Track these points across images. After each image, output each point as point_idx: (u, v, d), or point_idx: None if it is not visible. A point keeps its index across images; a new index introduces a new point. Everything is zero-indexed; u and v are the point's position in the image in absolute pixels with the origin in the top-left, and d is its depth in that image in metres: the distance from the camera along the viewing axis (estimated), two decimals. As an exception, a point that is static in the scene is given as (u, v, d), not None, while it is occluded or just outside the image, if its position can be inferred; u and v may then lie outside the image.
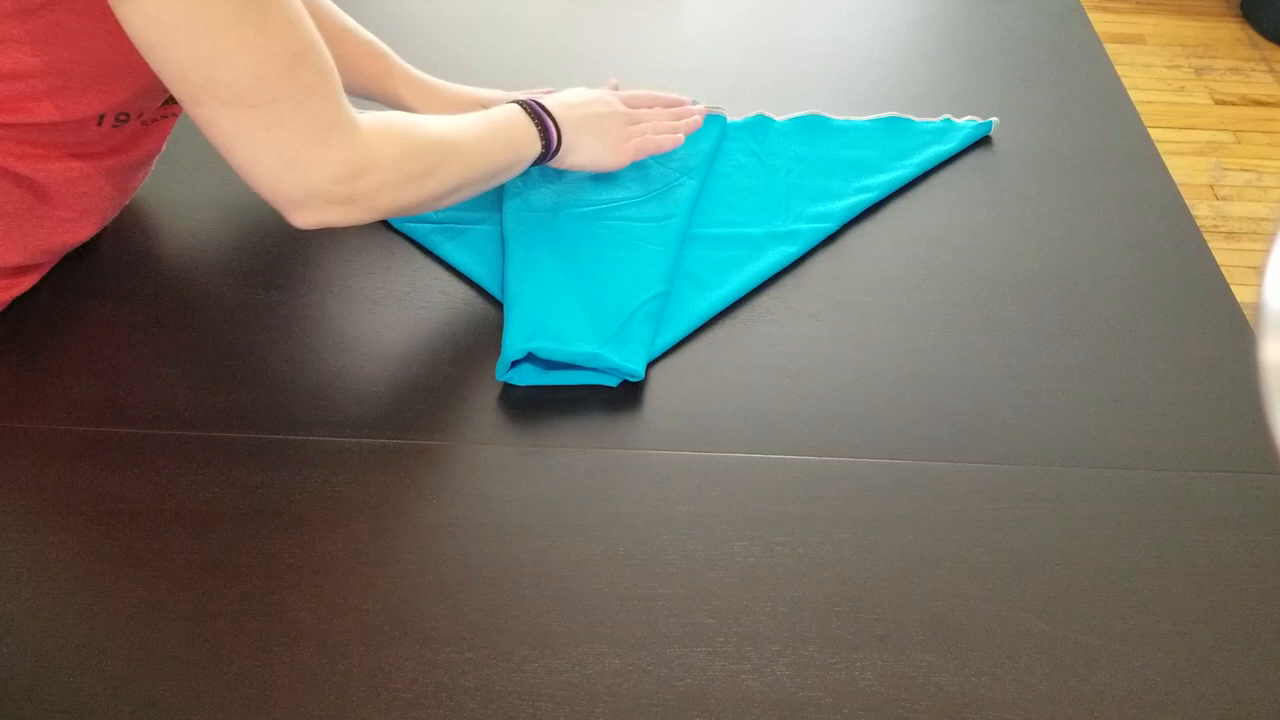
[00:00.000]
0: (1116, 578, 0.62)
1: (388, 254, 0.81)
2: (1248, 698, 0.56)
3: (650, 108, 0.87)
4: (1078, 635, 0.59)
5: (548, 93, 0.83)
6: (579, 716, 0.54)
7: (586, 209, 0.82)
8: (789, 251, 0.80)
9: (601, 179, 0.85)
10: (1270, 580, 0.62)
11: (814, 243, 0.82)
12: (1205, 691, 0.56)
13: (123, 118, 0.70)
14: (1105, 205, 0.87)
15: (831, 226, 0.83)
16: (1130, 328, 0.77)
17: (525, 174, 0.85)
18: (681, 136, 0.86)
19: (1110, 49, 1.06)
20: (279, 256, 0.80)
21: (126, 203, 0.80)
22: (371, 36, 0.84)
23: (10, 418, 0.68)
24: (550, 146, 0.77)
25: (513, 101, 0.77)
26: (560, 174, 0.85)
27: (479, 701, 0.55)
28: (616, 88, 0.90)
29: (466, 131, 0.72)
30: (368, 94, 0.86)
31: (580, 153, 0.79)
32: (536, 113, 0.76)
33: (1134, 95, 0.99)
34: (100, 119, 0.68)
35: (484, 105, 0.85)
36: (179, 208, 0.84)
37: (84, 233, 0.74)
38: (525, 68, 1.01)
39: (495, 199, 0.84)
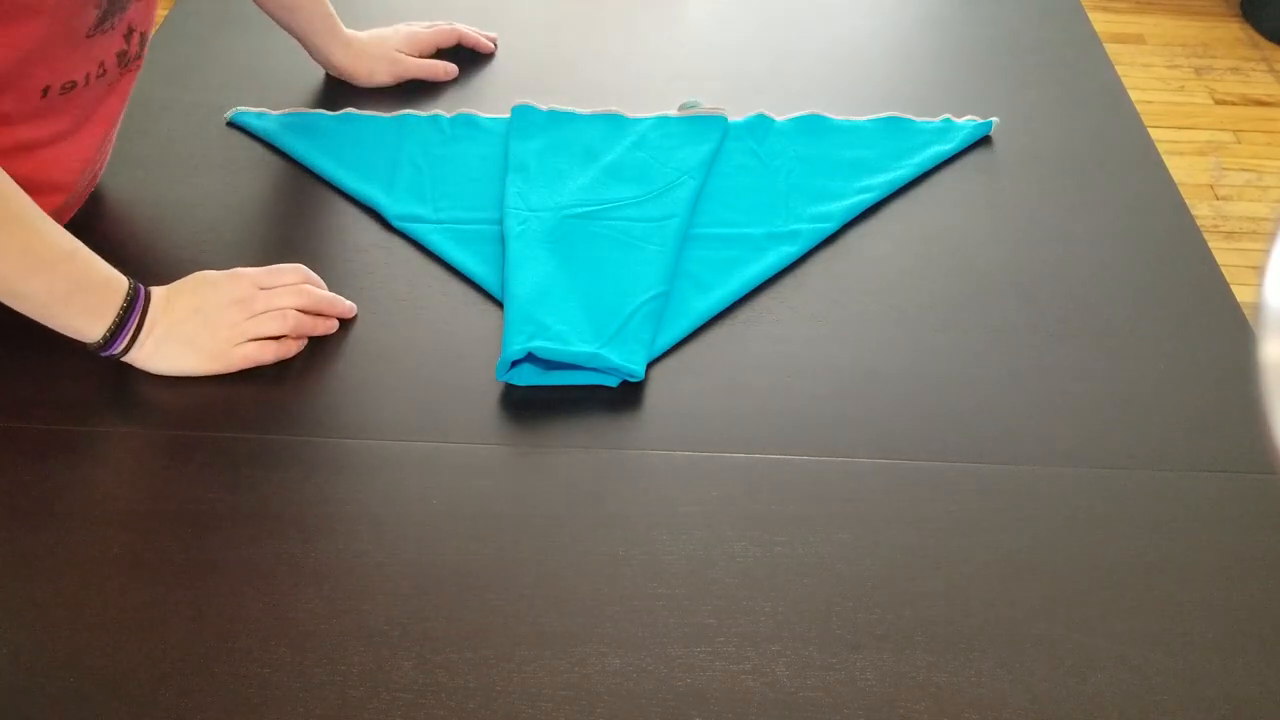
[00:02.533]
0: (1116, 578, 0.62)
1: (388, 254, 0.81)
2: (1248, 698, 0.56)
3: (282, 283, 0.72)
4: (1078, 636, 0.59)
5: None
6: (579, 716, 0.54)
7: (586, 209, 0.82)
8: (789, 251, 0.80)
9: (602, 179, 0.85)
10: (1270, 580, 0.62)
11: (814, 243, 0.82)
12: (1205, 691, 0.56)
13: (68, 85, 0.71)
14: (1105, 205, 0.87)
15: (832, 226, 0.83)
16: (1130, 328, 0.77)
17: (525, 173, 0.85)
18: (333, 323, 0.73)
19: (1110, 49, 1.06)
20: (277, 258, 0.80)
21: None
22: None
23: (11, 418, 0.68)
24: (114, 345, 0.67)
25: (131, 280, 0.68)
26: (560, 174, 0.86)
27: (479, 701, 0.55)
28: None
29: (51, 241, 0.65)
30: (307, 43, 0.95)
31: (161, 363, 0.69)
32: (134, 305, 0.67)
33: (1134, 95, 0.99)
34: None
35: (403, 41, 0.97)
36: (179, 208, 0.84)
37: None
38: (525, 68, 1.01)
39: (495, 198, 0.84)
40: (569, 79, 0.99)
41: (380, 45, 0.97)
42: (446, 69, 0.98)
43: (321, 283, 0.75)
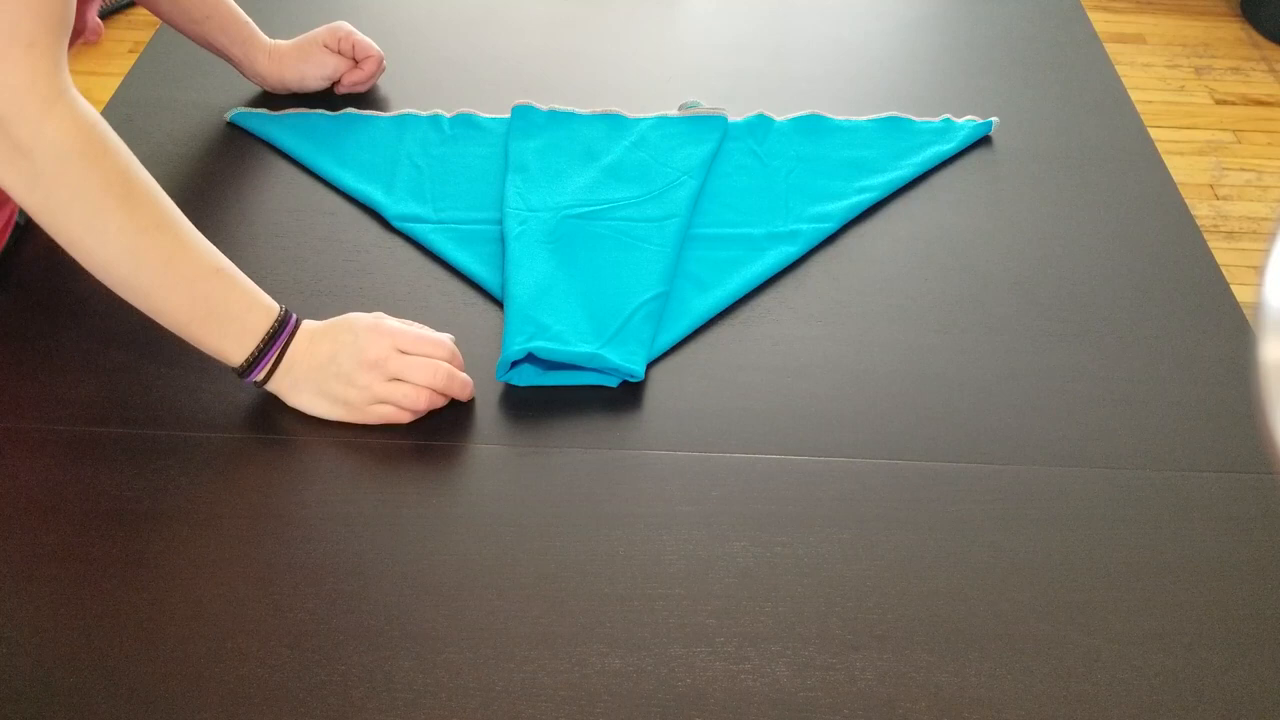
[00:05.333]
0: (1116, 578, 0.62)
1: (387, 254, 0.81)
2: (1248, 698, 0.56)
3: (424, 354, 0.68)
4: (1078, 636, 0.59)
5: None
6: (579, 716, 0.54)
7: (586, 209, 0.82)
8: (789, 251, 0.80)
9: (602, 179, 0.85)
10: (1270, 580, 0.62)
11: (814, 243, 0.82)
12: (1205, 691, 0.56)
13: None
14: (1105, 205, 0.87)
15: (832, 226, 0.83)
16: (1130, 328, 0.77)
17: (525, 173, 0.85)
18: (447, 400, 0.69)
19: (1110, 49, 1.06)
20: (277, 258, 0.80)
21: None
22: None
23: (10, 418, 0.68)
24: (252, 374, 0.66)
25: (282, 309, 0.67)
26: (560, 174, 0.86)
27: (479, 701, 0.55)
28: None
29: (195, 255, 0.65)
30: (228, 55, 0.92)
31: (299, 402, 0.68)
32: (276, 337, 0.66)
33: (1134, 95, 0.99)
34: None
35: (327, 34, 0.92)
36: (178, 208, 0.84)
37: None
38: (525, 68, 1.01)
39: (495, 199, 0.84)
40: (569, 79, 0.99)
41: (304, 44, 0.93)
42: (379, 61, 0.95)
43: (461, 359, 0.70)
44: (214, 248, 0.66)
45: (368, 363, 0.66)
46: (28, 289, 0.76)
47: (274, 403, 0.69)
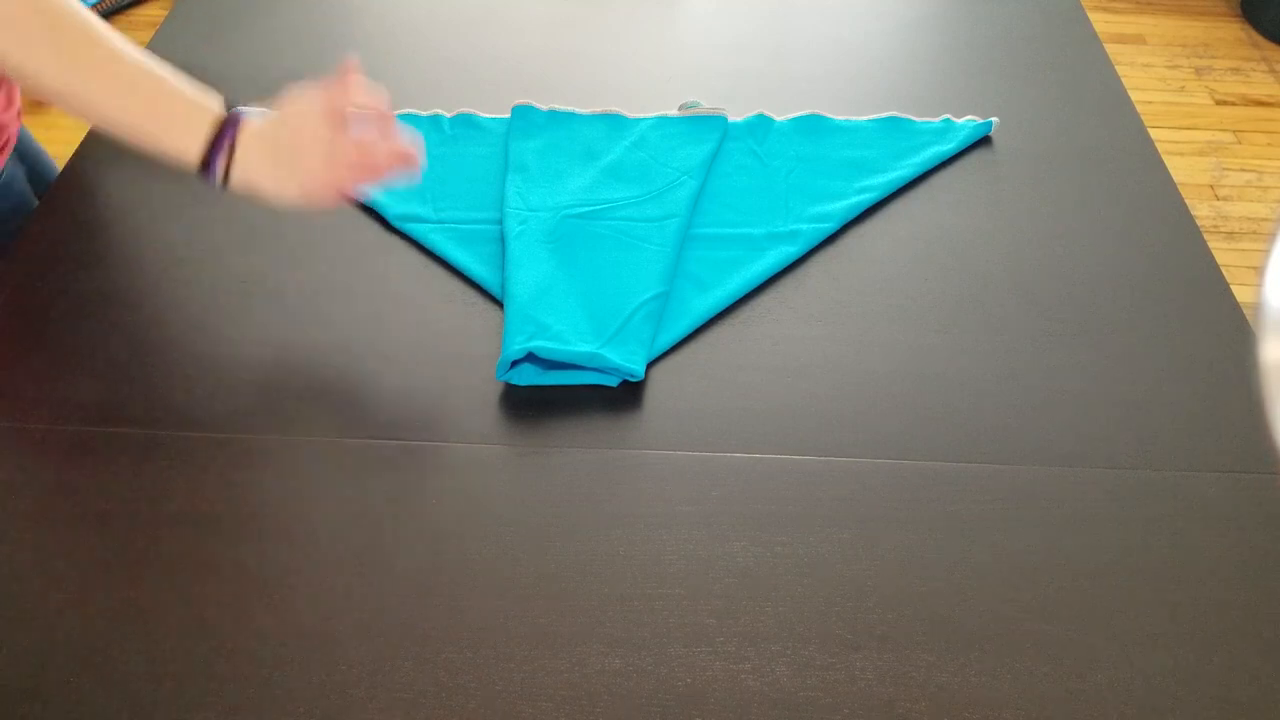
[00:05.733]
0: (1116, 578, 0.62)
1: (387, 254, 0.81)
2: (1248, 698, 0.56)
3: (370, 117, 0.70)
4: (1077, 635, 0.59)
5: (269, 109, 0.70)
6: (579, 716, 0.54)
7: (586, 209, 0.82)
8: (789, 251, 0.80)
9: (602, 179, 0.85)
10: (1270, 580, 0.62)
11: (814, 243, 0.82)
12: (1205, 691, 0.56)
13: None
14: (1105, 205, 0.87)
15: (832, 226, 0.83)
16: (1130, 327, 0.77)
17: (525, 173, 0.85)
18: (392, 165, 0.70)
19: (1110, 49, 1.06)
20: (277, 258, 0.80)
21: None
22: None
23: (10, 418, 0.68)
24: (210, 171, 0.67)
25: (230, 110, 0.68)
26: (560, 174, 0.86)
27: (479, 701, 0.55)
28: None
29: (123, 59, 0.65)
30: None
31: (266, 189, 0.69)
32: (225, 131, 0.67)
33: (1134, 95, 0.99)
34: None
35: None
36: (178, 210, 0.84)
37: None
38: (525, 68, 1.01)
39: (495, 198, 0.84)
40: (569, 79, 0.99)
41: None
42: None
43: (389, 117, 0.71)
44: (146, 56, 0.66)
45: (320, 158, 0.68)
46: (28, 289, 0.76)
47: (274, 403, 0.69)
